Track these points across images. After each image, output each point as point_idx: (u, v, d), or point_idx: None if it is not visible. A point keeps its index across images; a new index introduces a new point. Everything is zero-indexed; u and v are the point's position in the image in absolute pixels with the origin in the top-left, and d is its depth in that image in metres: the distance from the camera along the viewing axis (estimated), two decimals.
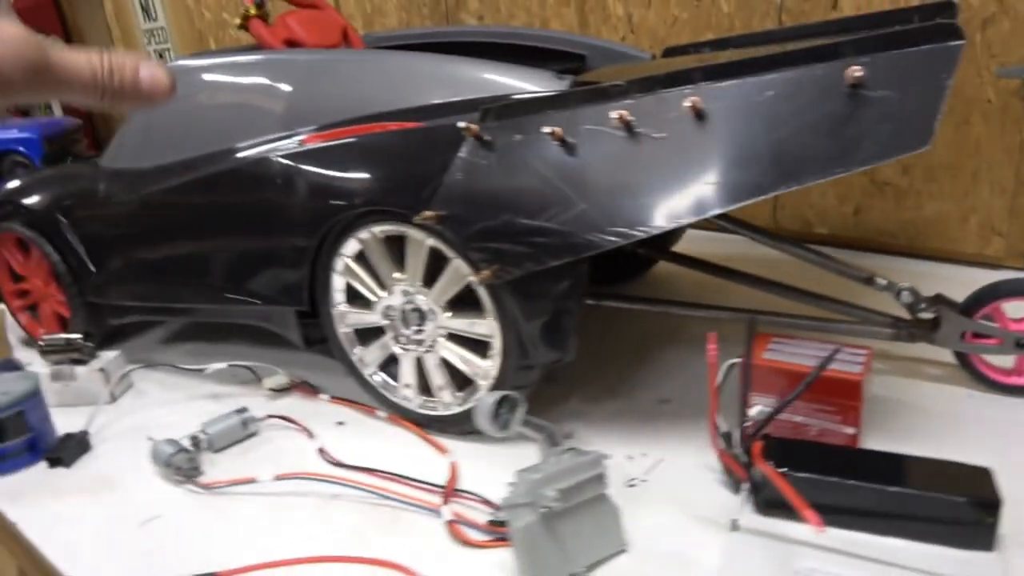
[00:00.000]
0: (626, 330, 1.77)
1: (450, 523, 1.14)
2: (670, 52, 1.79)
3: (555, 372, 1.50)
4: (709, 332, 1.10)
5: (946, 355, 1.42)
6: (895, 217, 1.97)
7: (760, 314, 1.41)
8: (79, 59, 0.41)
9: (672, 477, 1.23)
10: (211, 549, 1.18)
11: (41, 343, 1.69)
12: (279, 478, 1.30)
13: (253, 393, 1.66)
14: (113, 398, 1.69)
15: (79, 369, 1.68)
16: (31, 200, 1.79)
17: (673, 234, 1.88)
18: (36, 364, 1.78)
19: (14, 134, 3.79)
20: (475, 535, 1.13)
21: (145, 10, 4.38)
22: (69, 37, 6.17)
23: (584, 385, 1.55)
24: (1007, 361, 1.35)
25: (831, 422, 1.08)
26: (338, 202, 1.28)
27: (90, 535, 1.26)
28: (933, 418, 1.30)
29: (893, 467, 0.96)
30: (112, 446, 1.53)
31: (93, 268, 1.76)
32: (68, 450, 1.48)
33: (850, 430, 1.08)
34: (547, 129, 1.09)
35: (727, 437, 1.16)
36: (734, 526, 0.98)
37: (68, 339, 1.68)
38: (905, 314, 1.37)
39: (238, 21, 1.70)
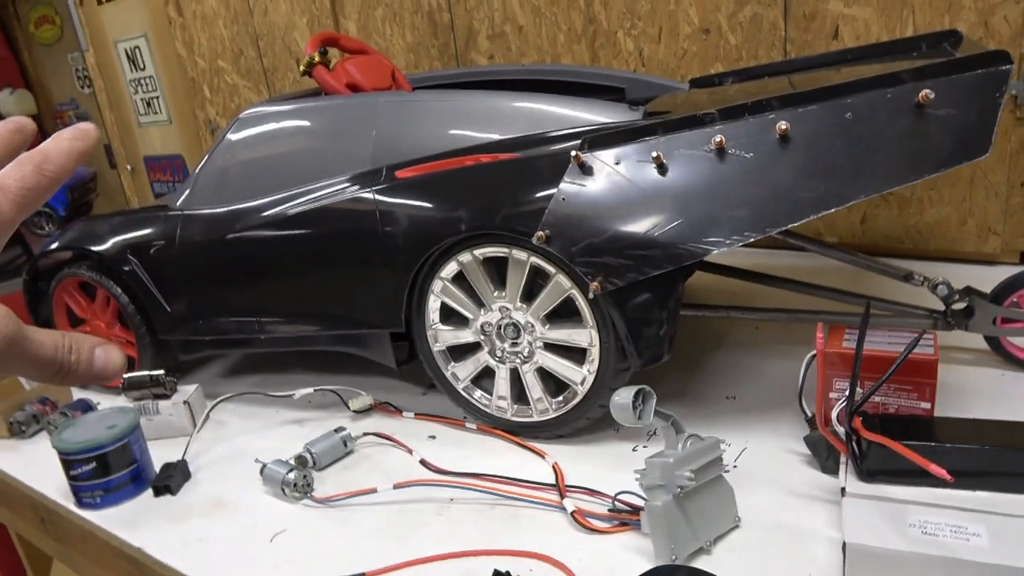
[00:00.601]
0: (679, 338, 1.92)
1: (574, 513, 1.25)
2: (696, 83, 1.96)
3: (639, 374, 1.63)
4: (818, 323, 1.24)
5: (974, 343, 1.60)
6: (900, 223, 2.17)
7: (810, 313, 1.57)
8: (44, 337, 0.44)
9: (759, 462, 1.37)
10: (346, 555, 1.26)
11: (124, 380, 1.75)
12: (398, 486, 1.40)
13: (332, 416, 1.75)
14: (197, 429, 1.75)
15: (162, 404, 1.75)
16: (100, 245, 1.86)
17: None
18: (103, 404, 1.84)
19: None
20: (599, 523, 1.24)
21: (132, 60, 4.43)
22: (32, 88, 6.15)
23: (658, 389, 1.67)
24: None
25: (909, 399, 1.24)
26: (444, 228, 1.40)
27: (223, 552, 1.33)
28: (976, 395, 1.46)
29: (976, 430, 1.11)
30: (212, 472, 1.60)
31: (168, 307, 1.83)
32: (173, 478, 1.54)
33: (926, 405, 1.23)
34: (653, 153, 1.23)
35: (812, 420, 1.30)
36: (843, 493, 1.11)
37: (152, 375, 1.74)
38: (939, 306, 1.54)
39: (303, 68, 1.81)
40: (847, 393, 1.19)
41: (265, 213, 1.66)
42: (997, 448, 1.06)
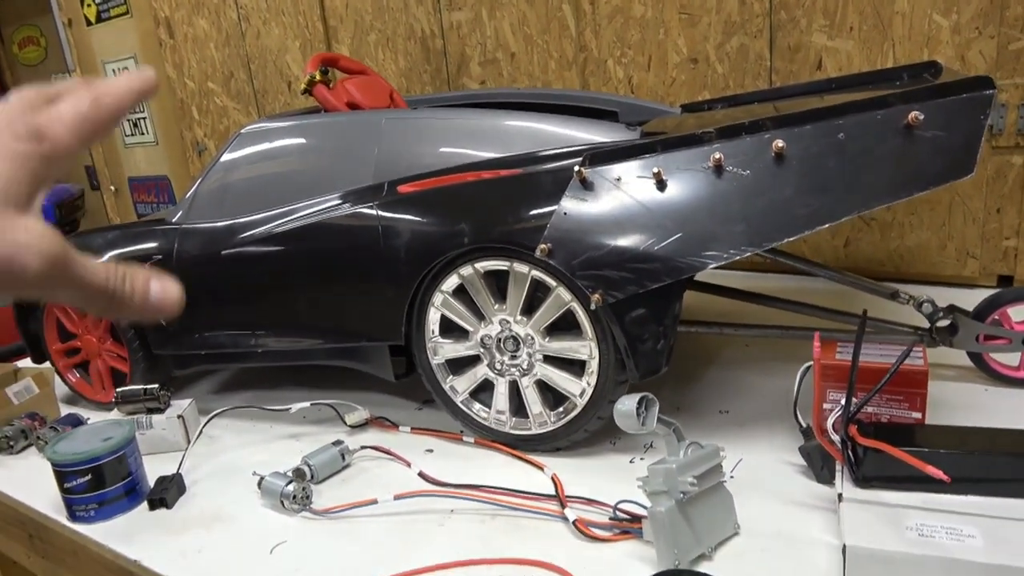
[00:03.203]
0: (675, 355, 1.95)
1: (576, 522, 1.27)
2: (687, 108, 2.02)
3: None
4: (815, 332, 1.28)
5: (958, 360, 1.65)
6: (882, 247, 2.24)
7: (802, 330, 1.61)
8: (96, 264, 0.42)
9: (755, 472, 1.40)
10: (349, 565, 1.27)
11: (116, 394, 1.74)
12: (398, 497, 1.40)
13: (328, 431, 1.75)
14: (192, 444, 1.75)
15: (155, 418, 1.74)
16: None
17: None
18: (93, 419, 1.83)
19: None
20: (601, 532, 1.26)
21: None
22: None
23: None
24: (1014, 359, 1.58)
25: (900, 409, 1.28)
26: (446, 242, 1.42)
27: (223, 564, 1.32)
28: (962, 410, 1.51)
29: (967, 436, 1.15)
30: (207, 486, 1.59)
31: (163, 321, 1.83)
32: (168, 492, 1.53)
33: (917, 415, 1.27)
34: (653, 169, 1.27)
35: (807, 431, 1.34)
36: (840, 498, 1.14)
37: (146, 388, 1.74)
38: (924, 323, 1.59)
39: (303, 86, 1.84)
40: (842, 402, 1.23)
41: (265, 227, 1.68)
42: (988, 453, 1.10)
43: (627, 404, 1.15)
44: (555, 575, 1.17)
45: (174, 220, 1.83)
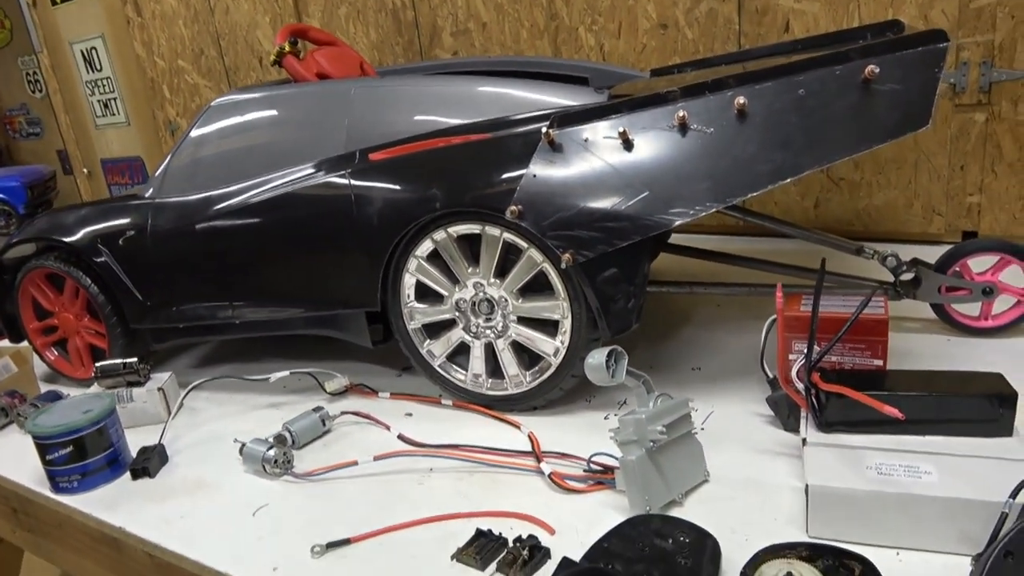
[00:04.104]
0: (646, 315, 1.99)
1: (552, 475, 1.30)
2: (656, 72, 2.04)
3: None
4: (777, 283, 1.31)
5: (921, 313, 1.70)
6: (851, 207, 2.28)
7: (769, 287, 1.65)
8: None
9: (724, 423, 1.44)
10: (330, 524, 1.29)
11: (96, 369, 1.75)
12: (378, 458, 1.43)
13: (308, 399, 1.77)
14: (171, 416, 1.76)
15: (136, 391, 1.75)
16: (70, 236, 1.86)
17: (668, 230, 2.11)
18: (74, 394, 1.84)
19: None
20: (575, 483, 1.30)
21: (88, 61, 4.38)
22: None
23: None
24: (975, 309, 1.63)
25: (863, 357, 1.32)
26: (419, 207, 1.44)
27: (207, 528, 1.34)
28: (925, 359, 1.56)
29: (926, 380, 1.19)
30: (190, 455, 1.61)
31: (140, 296, 1.83)
32: (150, 461, 1.55)
33: (878, 362, 1.31)
34: (619, 129, 1.29)
35: (774, 381, 1.38)
36: (804, 443, 1.18)
37: (125, 362, 1.74)
38: (889, 277, 1.64)
39: (273, 58, 1.84)
40: (805, 351, 1.26)
41: (238, 199, 1.68)
42: (944, 395, 1.14)
43: (597, 357, 1.18)
44: (531, 525, 1.20)
45: (147, 195, 1.83)
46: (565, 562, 1.05)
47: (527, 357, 1.53)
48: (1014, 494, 0.94)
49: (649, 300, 2.04)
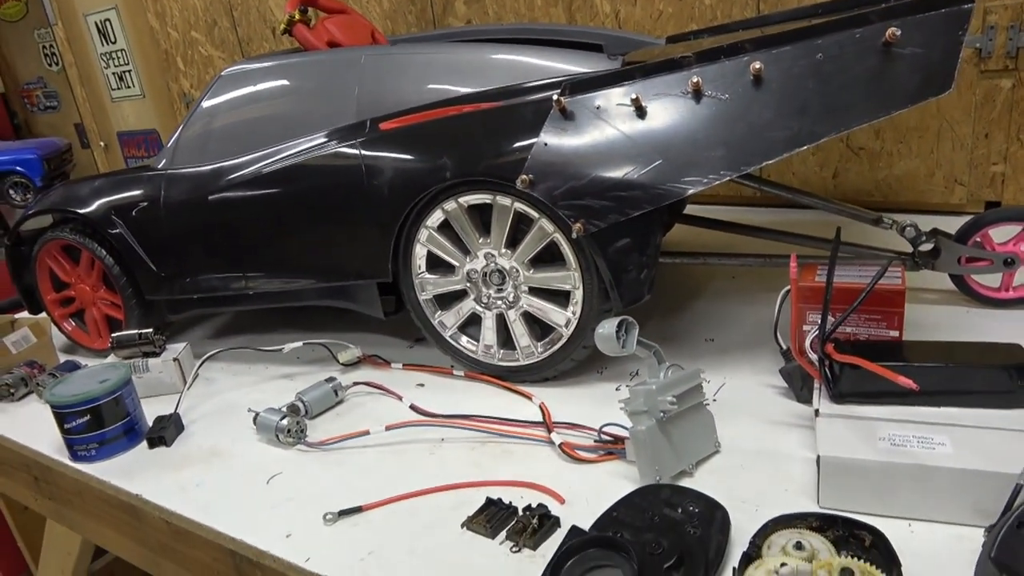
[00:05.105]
0: (657, 287, 1.97)
1: (562, 445, 1.30)
2: (672, 39, 2.00)
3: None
4: (792, 253, 1.29)
5: (941, 283, 1.67)
6: (870, 177, 2.23)
7: (784, 258, 1.62)
8: None
9: (737, 395, 1.43)
10: (343, 492, 1.30)
11: (112, 339, 1.77)
12: (390, 428, 1.44)
13: (321, 370, 1.78)
14: (187, 386, 1.78)
15: (152, 361, 1.77)
16: (84, 208, 1.87)
17: (683, 200, 2.09)
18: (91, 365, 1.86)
19: (13, 155, 3.74)
20: (586, 454, 1.29)
21: (103, 34, 4.38)
22: None
23: (639, 332, 1.73)
24: (995, 280, 1.60)
25: (878, 328, 1.30)
26: (429, 177, 1.43)
27: (222, 495, 1.36)
28: (943, 330, 1.53)
29: (942, 351, 1.18)
30: (205, 424, 1.63)
31: (155, 267, 1.84)
32: (167, 430, 1.57)
33: (894, 333, 1.29)
34: (631, 96, 1.27)
35: (787, 352, 1.36)
36: (817, 414, 1.17)
37: (140, 333, 1.76)
38: (907, 248, 1.61)
39: (283, 26, 1.82)
40: (819, 322, 1.25)
41: (249, 169, 1.68)
42: (960, 366, 1.12)
43: (607, 328, 1.17)
44: (542, 495, 1.20)
45: (159, 167, 1.83)
46: (575, 531, 1.05)
47: (539, 328, 1.52)
48: None
49: (663, 271, 2.03)
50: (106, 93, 4.58)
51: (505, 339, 1.56)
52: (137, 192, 1.84)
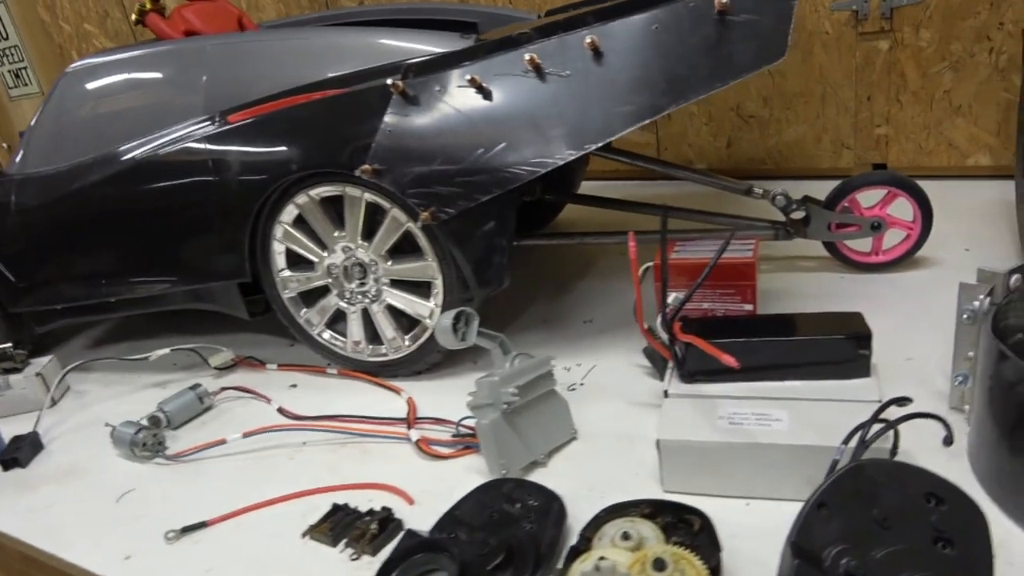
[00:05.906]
0: (545, 268, 1.94)
1: (419, 442, 1.26)
2: (551, 13, 1.95)
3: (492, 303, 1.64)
4: (630, 231, 1.25)
5: (815, 251, 1.66)
6: (761, 145, 2.22)
7: (649, 234, 1.60)
8: None
9: (606, 378, 1.40)
10: (193, 507, 1.24)
11: None
12: (247, 435, 1.38)
13: (195, 376, 1.71)
14: (53, 402, 1.69)
15: (13, 378, 1.68)
16: None
17: (575, 178, 2.05)
18: None
19: None
20: (443, 449, 1.26)
21: None
22: None
23: (517, 316, 1.70)
24: (866, 245, 1.60)
25: (732, 302, 1.28)
26: (275, 170, 1.36)
27: (69, 518, 1.29)
28: (814, 298, 1.53)
29: (784, 324, 1.16)
30: (65, 442, 1.55)
31: (12, 277, 1.74)
32: (22, 451, 1.49)
33: (748, 307, 1.27)
34: (467, 77, 1.22)
35: (651, 330, 1.34)
36: (666, 395, 1.15)
37: None
38: (780, 216, 1.59)
39: (134, 16, 1.72)
40: (668, 301, 1.22)
41: (97, 170, 1.59)
42: (803, 339, 1.11)
43: (444, 320, 1.13)
44: (390, 495, 1.16)
45: (10, 171, 1.72)
46: (408, 534, 1.01)
47: (406, 321, 1.48)
48: (846, 440, 0.91)
49: (550, 253, 2.00)
50: (3, 92, 4.36)
51: (373, 334, 1.51)
52: None
